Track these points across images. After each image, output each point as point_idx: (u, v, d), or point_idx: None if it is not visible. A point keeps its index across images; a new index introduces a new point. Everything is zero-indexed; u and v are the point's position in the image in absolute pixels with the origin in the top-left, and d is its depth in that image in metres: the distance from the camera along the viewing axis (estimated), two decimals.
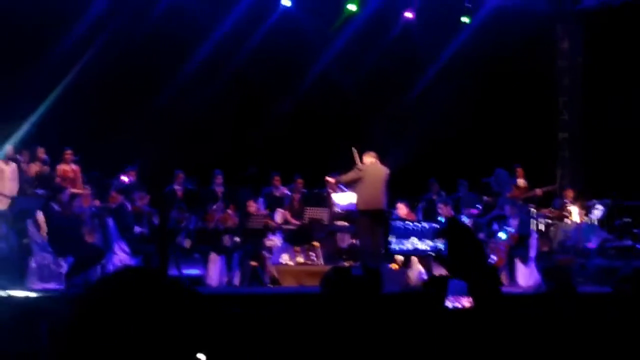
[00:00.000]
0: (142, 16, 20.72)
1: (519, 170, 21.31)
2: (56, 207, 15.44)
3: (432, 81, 24.38)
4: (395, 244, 15.76)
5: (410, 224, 16.46)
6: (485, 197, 21.09)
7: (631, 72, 22.91)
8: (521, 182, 21.26)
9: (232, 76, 22.37)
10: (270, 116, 22.86)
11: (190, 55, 21.61)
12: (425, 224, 16.21)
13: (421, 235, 15.73)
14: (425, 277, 17.51)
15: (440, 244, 15.44)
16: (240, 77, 22.50)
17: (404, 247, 15.84)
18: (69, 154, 18.44)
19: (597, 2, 23.66)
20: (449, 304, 4.80)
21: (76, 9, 20.20)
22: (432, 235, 15.72)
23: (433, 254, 15.90)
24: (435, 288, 4.50)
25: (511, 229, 18.33)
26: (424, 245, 15.77)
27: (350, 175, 16.92)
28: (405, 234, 15.81)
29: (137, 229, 16.90)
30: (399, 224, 16.22)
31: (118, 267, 13.73)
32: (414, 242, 15.77)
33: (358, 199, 16.84)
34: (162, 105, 20.56)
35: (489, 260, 17.60)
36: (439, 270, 16.89)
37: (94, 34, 20.35)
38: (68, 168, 18.43)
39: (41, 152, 18.43)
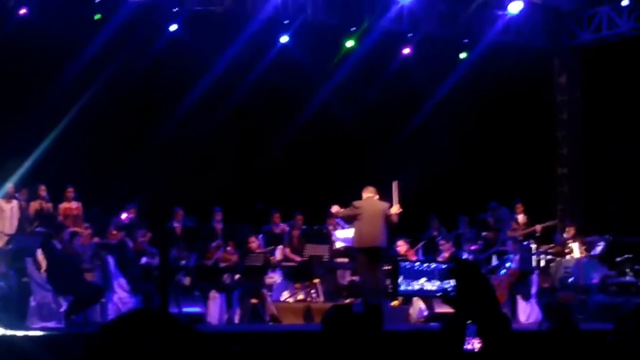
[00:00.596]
0: (142, 54, 20.81)
1: (519, 206, 21.30)
2: (58, 244, 15.44)
3: (430, 116, 24.41)
4: (403, 284, 15.68)
5: (418, 264, 16.38)
6: (484, 233, 21.07)
7: (629, 107, 22.97)
8: (521, 218, 21.24)
9: (231, 113, 22.42)
10: (270, 152, 22.90)
11: (189, 92, 21.65)
12: (433, 264, 16.12)
13: (430, 275, 15.63)
14: (425, 314, 17.48)
15: (447, 285, 15.39)
16: (238, 114, 22.56)
17: (412, 288, 15.75)
18: (70, 191, 18.47)
19: (593, 36, 23.76)
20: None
21: (76, 47, 20.26)
22: (440, 275, 15.65)
23: (440, 295, 15.82)
24: (454, 329, 4.47)
25: (512, 264, 18.29)
26: (432, 286, 15.69)
27: (346, 212, 16.90)
28: (414, 274, 15.72)
29: (143, 260, 16.98)
30: (407, 264, 16.13)
31: (130, 310, 13.70)
32: (422, 283, 15.69)
33: (354, 236, 16.84)
34: (161, 142, 20.60)
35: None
36: (441, 308, 16.85)
37: (94, 72, 20.41)
38: (70, 206, 18.45)
39: (42, 190, 18.44)
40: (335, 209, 17.66)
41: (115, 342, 2.18)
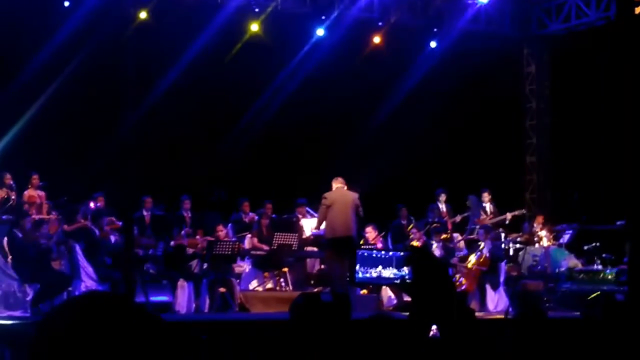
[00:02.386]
0: (110, 41, 20.64)
1: (486, 195, 21.32)
2: (18, 233, 15.31)
3: (400, 105, 24.39)
4: (361, 272, 15.77)
5: (375, 252, 16.49)
6: (437, 220, 21.12)
7: (598, 96, 23.03)
8: (489, 206, 21.27)
9: (200, 101, 22.31)
10: (239, 140, 22.81)
11: (158, 79, 21.51)
12: (390, 252, 16.22)
13: (387, 263, 15.73)
14: (395, 302, 17.53)
15: (404, 272, 15.47)
16: (208, 102, 22.45)
17: (370, 276, 15.86)
18: (35, 179, 18.31)
19: (562, 26, 23.81)
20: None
21: (45, 34, 20.11)
22: (396, 263, 15.73)
23: (398, 282, 15.92)
24: (415, 317, 4.44)
25: (483, 253, 18.33)
26: (389, 273, 15.78)
27: (321, 211, 17.02)
28: (370, 262, 15.81)
29: (112, 238, 16.97)
30: (364, 252, 16.25)
31: (82, 292, 13.64)
32: (379, 271, 15.78)
33: (326, 227, 16.89)
34: (130, 130, 20.47)
35: (459, 287, 17.59)
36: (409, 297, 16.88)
37: (62, 59, 20.25)
38: (34, 194, 18.30)
39: (8, 179, 18.27)
40: (314, 229, 17.94)
41: (64, 325, 2.14)
